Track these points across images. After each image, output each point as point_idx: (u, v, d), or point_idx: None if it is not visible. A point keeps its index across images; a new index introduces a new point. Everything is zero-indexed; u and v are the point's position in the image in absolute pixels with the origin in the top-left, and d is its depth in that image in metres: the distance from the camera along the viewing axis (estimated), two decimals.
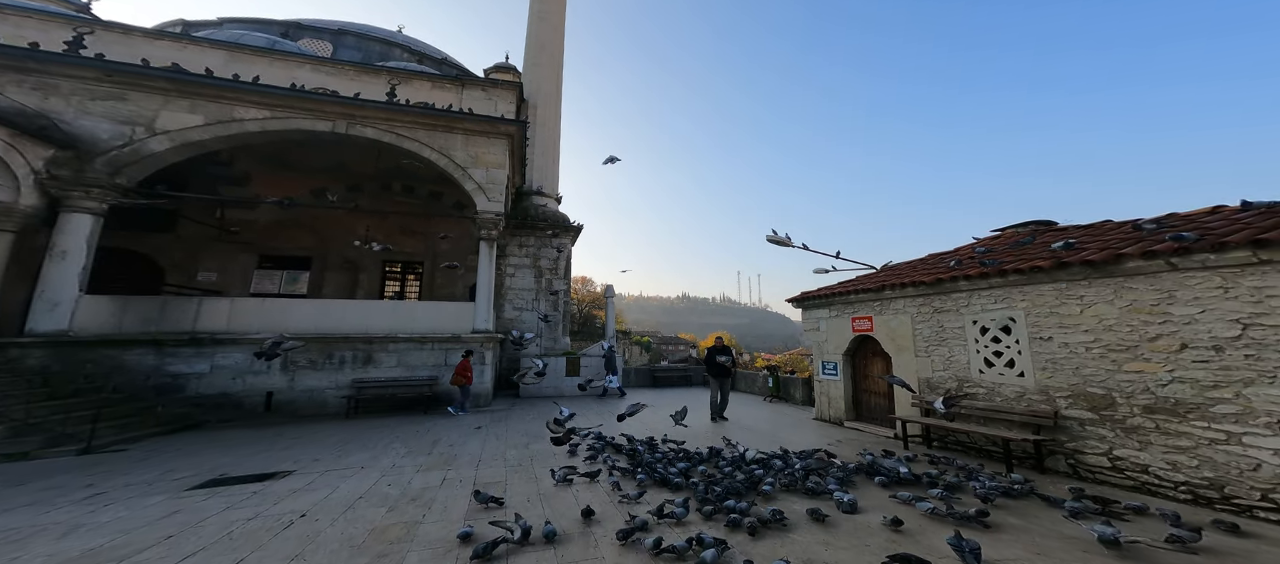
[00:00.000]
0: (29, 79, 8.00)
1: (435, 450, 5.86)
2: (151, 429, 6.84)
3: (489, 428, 7.49)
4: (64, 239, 7.77)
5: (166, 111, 8.70)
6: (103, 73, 8.33)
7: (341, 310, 9.74)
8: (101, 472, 4.91)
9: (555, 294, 14.74)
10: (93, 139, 8.16)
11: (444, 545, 3.06)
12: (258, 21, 17.49)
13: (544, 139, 17.75)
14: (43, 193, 7.72)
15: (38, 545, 3.04)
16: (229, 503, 3.88)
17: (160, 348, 8.01)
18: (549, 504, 3.89)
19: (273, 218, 12.85)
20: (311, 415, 8.37)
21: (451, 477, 4.72)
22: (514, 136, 11.59)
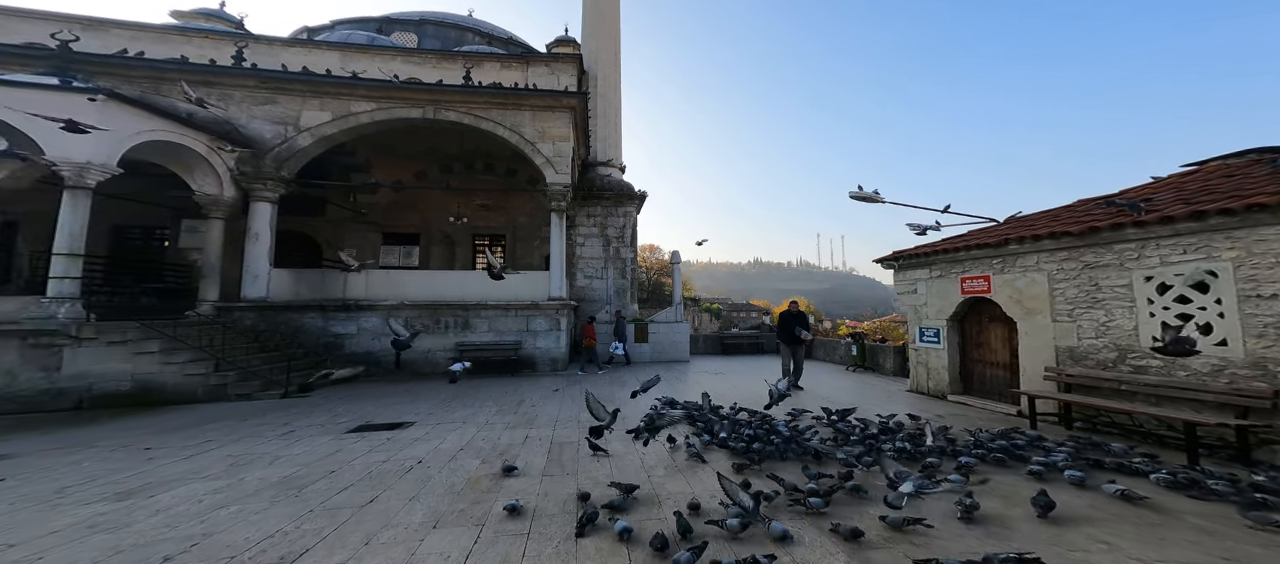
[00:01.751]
0: (213, 91, 9.67)
1: (520, 411, 6.48)
2: (324, 380, 8.62)
3: (564, 391, 8.09)
4: (255, 223, 9.67)
5: (306, 111, 10.07)
6: (259, 81, 9.89)
7: (443, 280, 11.09)
8: (294, 412, 6.32)
9: (623, 262, 14.99)
10: (261, 139, 9.78)
11: (524, 495, 3.40)
12: (359, 20, 19.34)
13: (605, 108, 17.49)
14: (237, 186, 9.60)
15: (255, 469, 4.04)
16: (371, 446, 4.72)
17: (324, 312, 9.81)
18: (620, 463, 4.08)
19: (389, 200, 14.59)
20: (427, 373, 9.79)
21: (532, 435, 5.21)
22: (576, 109, 11.58)
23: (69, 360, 6.81)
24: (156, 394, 7.04)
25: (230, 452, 4.56)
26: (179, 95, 8.79)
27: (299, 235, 14.29)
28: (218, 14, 16.02)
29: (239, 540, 2.66)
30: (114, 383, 6.96)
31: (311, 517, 3.01)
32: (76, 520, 2.97)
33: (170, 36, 13.07)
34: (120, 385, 6.96)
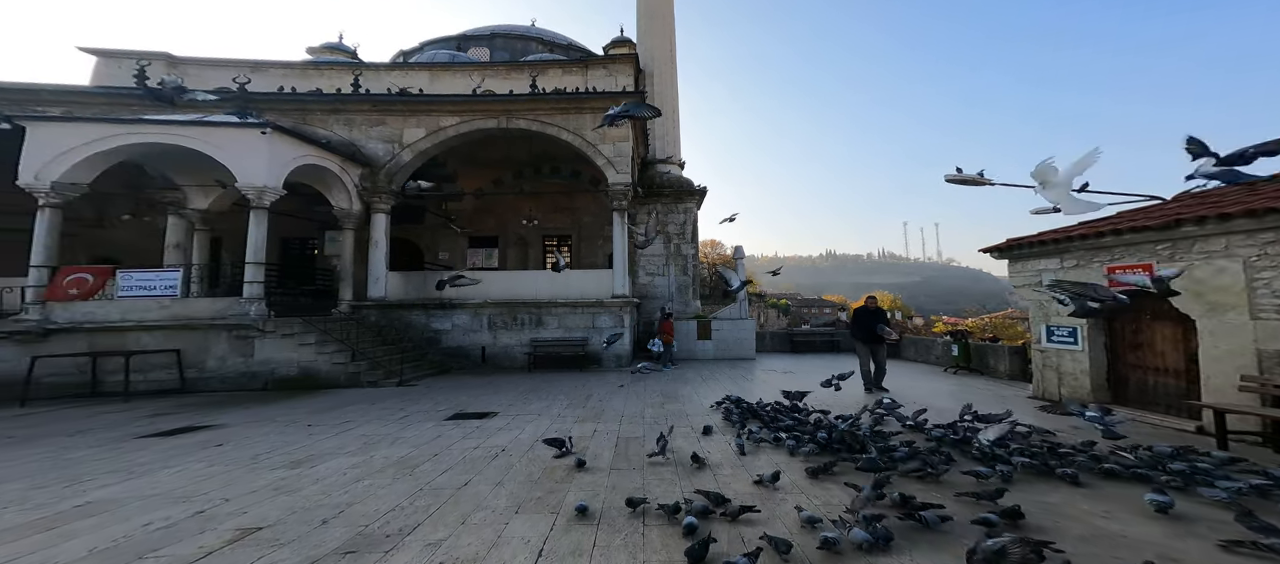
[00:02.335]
0: (340, 117, 11.36)
1: (588, 405, 6.82)
2: (427, 371, 9.77)
3: (630, 387, 8.31)
4: (375, 232, 11.22)
5: (407, 129, 11.38)
6: (371, 104, 11.38)
7: (518, 279, 12.02)
8: (406, 399, 7.26)
9: (684, 258, 14.89)
10: (376, 157, 11.27)
11: (593, 488, 3.58)
12: (441, 40, 21.26)
13: (662, 105, 17.39)
14: (361, 200, 11.20)
15: (381, 449, 4.75)
16: (465, 433, 5.30)
17: (426, 310, 11.13)
18: (685, 462, 4.10)
19: (472, 206, 15.89)
20: (507, 367, 10.71)
21: (601, 429, 5.45)
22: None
23: (258, 349, 8.52)
24: (313, 379, 8.54)
25: (364, 432, 5.40)
26: (318, 124, 10.64)
27: (405, 242, 16.08)
28: (339, 47, 18.74)
29: (371, 511, 3.17)
30: (286, 368, 8.58)
31: (422, 494, 3.47)
32: (267, 482, 3.76)
33: (308, 71, 15.56)
34: (289, 371, 8.56)
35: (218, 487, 3.66)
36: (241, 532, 2.83)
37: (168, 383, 8.13)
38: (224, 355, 8.37)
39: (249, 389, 8.35)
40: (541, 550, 2.61)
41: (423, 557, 2.53)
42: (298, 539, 2.71)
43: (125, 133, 8.50)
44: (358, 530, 2.83)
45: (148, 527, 2.91)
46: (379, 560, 2.48)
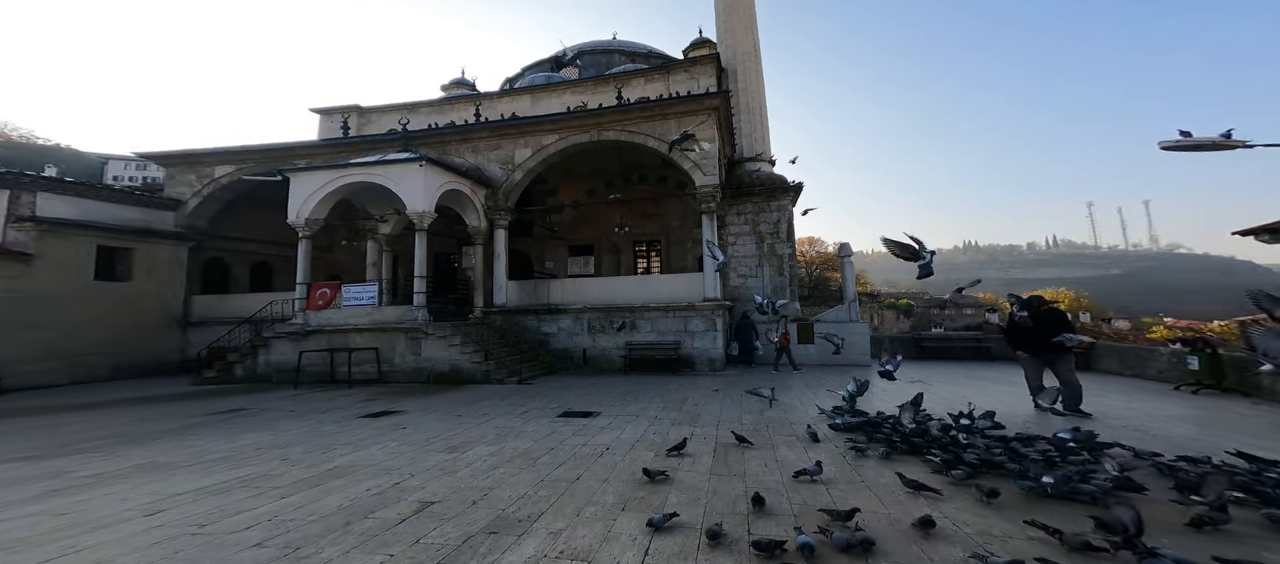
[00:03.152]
0: (468, 145, 13.15)
1: (684, 408, 6.87)
2: (539, 371, 10.80)
3: (725, 391, 8.12)
4: (497, 246, 12.79)
5: (517, 150, 12.75)
6: (490, 131, 12.97)
7: (612, 285, 12.67)
8: (526, 397, 7.98)
9: (779, 258, 13.96)
10: (495, 178, 12.60)
11: (694, 493, 3.60)
12: (537, 64, 23.44)
13: (748, 102, 16.64)
14: (486, 218, 12.80)
15: (510, 440, 5.42)
16: (574, 431, 5.74)
17: (537, 315, 12.32)
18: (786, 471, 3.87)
19: (571, 217, 17.18)
20: (605, 368, 11.30)
21: (697, 434, 5.44)
22: (719, 109, 11.44)
23: (423, 349, 10.32)
24: (458, 375, 9.83)
25: (496, 424, 6.12)
26: (454, 153, 12.71)
27: (517, 253, 17.81)
28: (462, 81, 21.92)
29: (505, 497, 3.63)
30: (440, 365, 10.21)
31: (543, 485, 3.87)
32: (435, 463, 4.54)
33: (443, 107, 18.55)
34: (443, 368, 10.19)
35: (405, 463, 4.54)
36: (422, 504, 3.47)
37: (371, 374, 10.01)
38: (403, 353, 10.38)
39: (417, 381, 9.87)
40: (648, 549, 2.72)
41: (547, 544, 2.83)
42: (457, 516, 3.25)
43: (339, 176, 10.85)
44: (497, 513, 3.29)
45: (368, 491, 3.75)
46: (514, 543, 2.84)
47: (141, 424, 6.50)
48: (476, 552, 2.72)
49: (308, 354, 10.09)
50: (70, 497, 3.72)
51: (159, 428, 6.22)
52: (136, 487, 3.93)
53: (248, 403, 7.89)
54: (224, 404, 7.85)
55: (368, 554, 2.68)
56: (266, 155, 13.61)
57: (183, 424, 6.42)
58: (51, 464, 4.68)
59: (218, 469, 4.38)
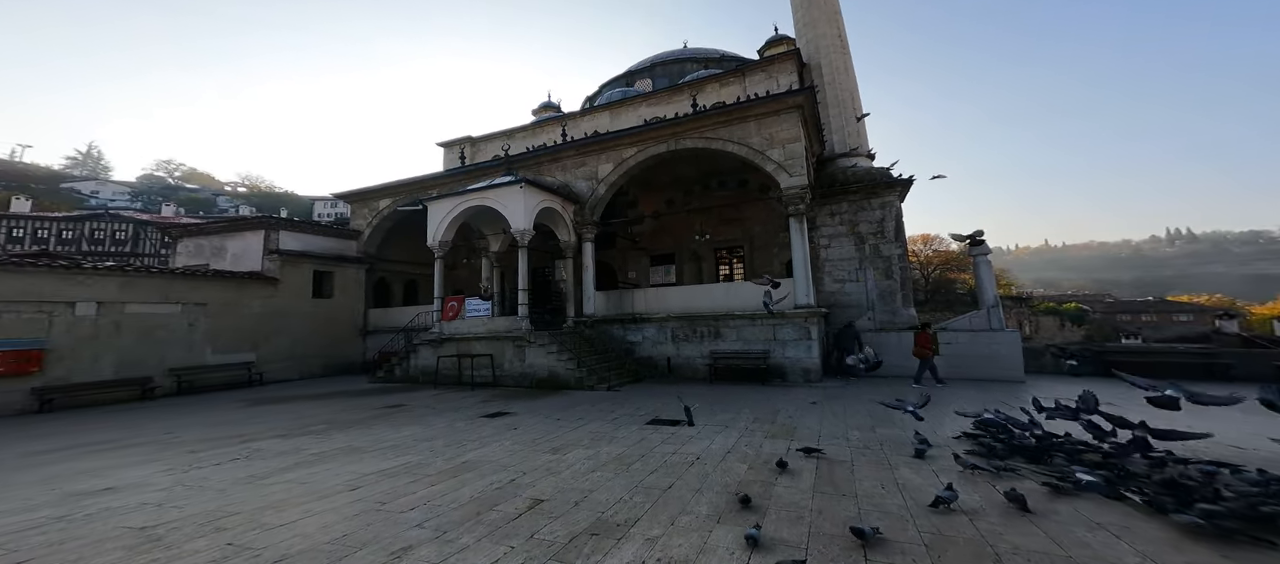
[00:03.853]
0: (558, 164, 13.92)
1: (777, 421, 6.40)
2: (626, 378, 10.96)
3: (825, 405, 7.36)
4: (585, 259, 12.66)
5: (600, 165, 12.74)
6: (576, 149, 13.58)
7: (695, 293, 12.46)
8: (614, 403, 7.93)
9: (885, 259, 12.29)
10: (582, 194, 12.73)
11: (794, 511, 3.29)
12: (613, 80, 24.30)
13: (837, 96, 15.26)
14: (574, 232, 12.83)
15: (603, 445, 5.57)
16: (663, 439, 5.68)
17: (623, 324, 12.50)
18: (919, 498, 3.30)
19: (652, 227, 17.31)
20: (690, 377, 11.05)
21: (794, 448, 4.99)
22: (803, 107, 10.66)
23: (527, 356, 11.22)
24: (556, 381, 10.05)
25: (591, 428, 6.20)
26: (545, 172, 13.70)
27: (602, 264, 18.19)
28: (550, 104, 23.83)
29: (603, 500, 3.73)
30: (540, 371, 10.38)
31: (638, 491, 3.90)
32: (542, 463, 4.86)
33: (535, 130, 20.25)
34: (542, 374, 10.58)
35: (518, 461, 4.83)
36: (533, 501, 3.68)
37: (487, 378, 10.75)
38: (511, 359, 11.41)
39: (523, 386, 10.32)
40: None
41: (645, 550, 2.83)
42: (563, 515, 3.42)
43: (460, 201, 11.91)
44: (597, 515, 3.39)
45: (491, 485, 4.14)
46: (613, 547, 2.90)
47: (342, 414, 7.75)
48: (581, 552, 2.83)
49: (443, 359, 11.69)
50: (305, 469, 4.68)
51: (352, 418, 7.36)
52: (342, 466, 4.78)
53: (404, 400, 8.98)
54: (389, 400, 9.05)
55: (495, 544, 2.96)
56: (411, 188, 16.24)
57: (366, 416, 7.49)
58: (294, 441, 5.93)
59: (390, 455, 5.12)
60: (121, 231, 40.30)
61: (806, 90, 10.71)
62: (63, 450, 5.82)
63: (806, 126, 11.30)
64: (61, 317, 9.40)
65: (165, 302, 11.02)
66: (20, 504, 3.87)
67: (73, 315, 9.54)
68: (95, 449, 5.81)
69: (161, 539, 3.12)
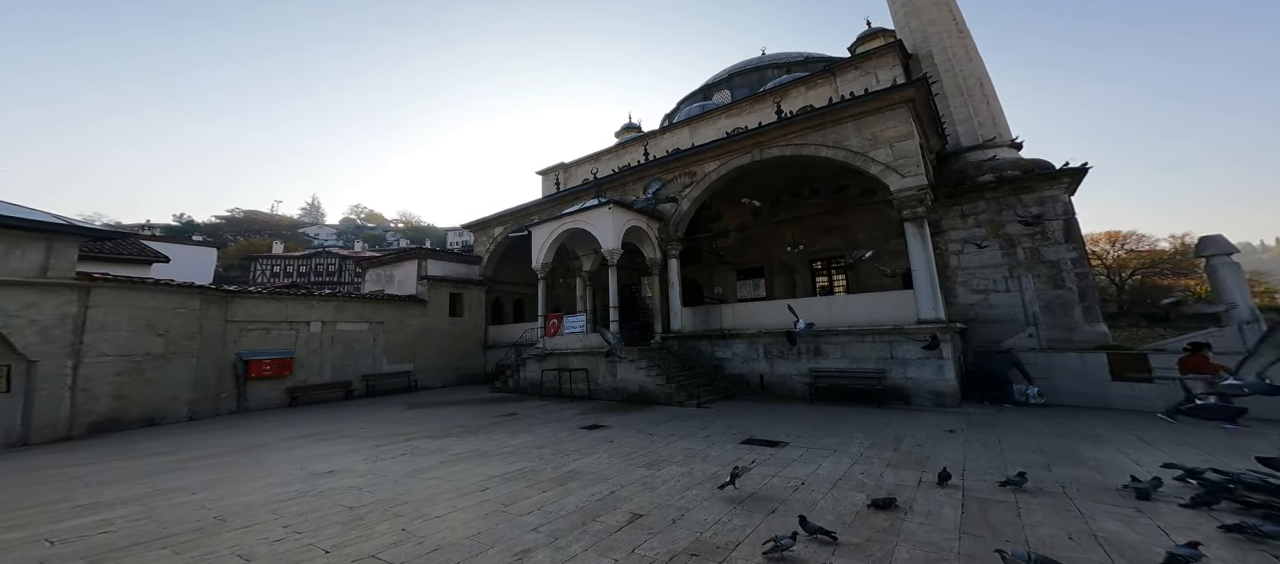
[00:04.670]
0: (640, 183, 14.30)
1: (901, 448, 5.58)
2: (716, 395, 10.65)
3: (967, 434, 6.17)
4: (670, 276, 12.54)
5: (679, 182, 12.91)
6: (659, 168, 13.90)
7: (785, 308, 11.67)
8: (706, 420, 7.73)
9: (1051, 264, 9.95)
10: (665, 212, 12.77)
11: (933, 552, 2.81)
12: (690, 96, 24.33)
13: (959, 82, 13.33)
14: (660, 250, 12.75)
15: (697, 462, 5.50)
16: (758, 459, 5.31)
17: (711, 340, 12.26)
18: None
19: (736, 241, 16.73)
20: (785, 396, 10.26)
21: (927, 480, 4.29)
22: (914, 100, 9.47)
23: (618, 371, 11.66)
24: (645, 396, 10.05)
25: (684, 446, 6.07)
26: (630, 192, 14.28)
27: (687, 280, 17.94)
28: (631, 125, 24.98)
29: (701, 520, 3.66)
30: (630, 386, 10.47)
31: (738, 512, 3.76)
32: (638, 478, 4.96)
33: (618, 152, 21.32)
34: (633, 389, 10.52)
35: (616, 473, 4.94)
36: (633, 515, 3.73)
37: (583, 391, 11.09)
38: (604, 373, 11.92)
39: (615, 400, 10.42)
40: None
41: None
42: (661, 532, 3.44)
43: (558, 225, 12.67)
44: (696, 536, 3.34)
45: (593, 496, 4.24)
46: None
47: (471, 419, 8.63)
48: None
49: (546, 372, 12.74)
50: (449, 468, 5.33)
51: (479, 423, 8.24)
52: (474, 467, 5.34)
53: (517, 409, 9.73)
54: (505, 408, 9.89)
55: (600, 555, 3.10)
56: (517, 215, 18.30)
57: (489, 422, 8.31)
58: (440, 442, 6.75)
59: (508, 460, 5.58)
60: (331, 265, 54.16)
61: (917, 82, 9.49)
62: (304, 438, 7.57)
63: (920, 121, 10.00)
64: (302, 333, 12.86)
65: (360, 321, 14.35)
66: (283, 479, 5.13)
67: (308, 332, 13.03)
68: (322, 438, 7.46)
69: (362, 519, 3.87)
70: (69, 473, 5.76)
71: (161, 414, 9.64)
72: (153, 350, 9.62)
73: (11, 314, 7.92)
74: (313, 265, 53.84)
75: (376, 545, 3.35)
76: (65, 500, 4.59)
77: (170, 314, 9.98)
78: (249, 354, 11.41)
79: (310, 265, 53.83)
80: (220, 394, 10.84)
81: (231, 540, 3.49)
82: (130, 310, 9.37)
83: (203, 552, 3.31)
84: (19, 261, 8.09)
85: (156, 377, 9.64)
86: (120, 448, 7.27)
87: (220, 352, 10.96)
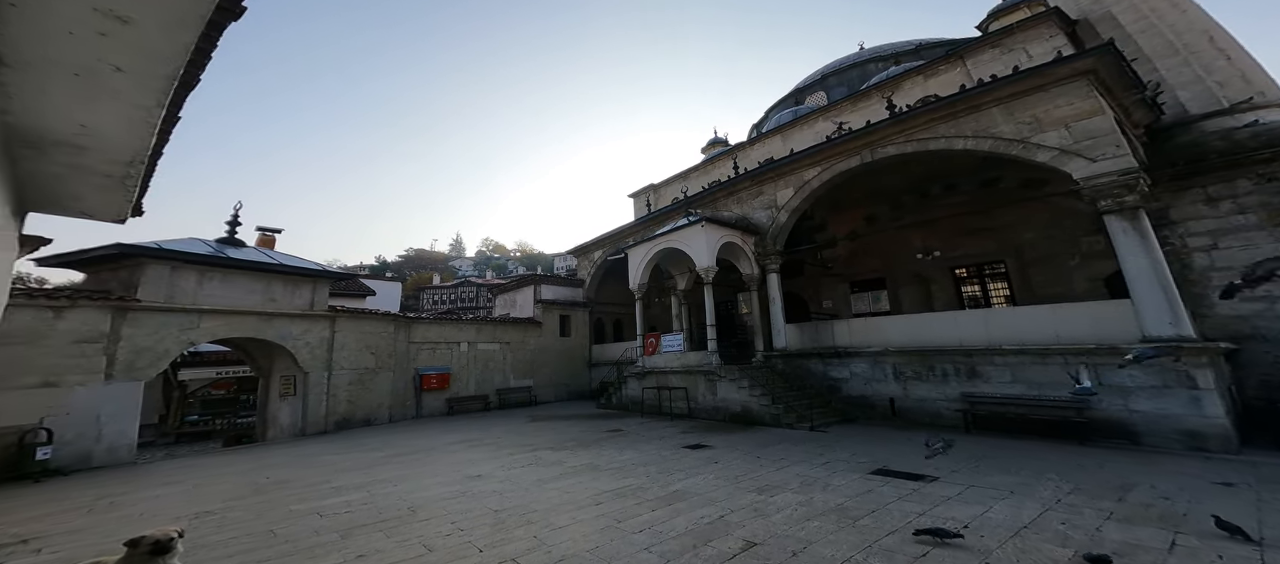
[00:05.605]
0: (732, 197, 13.86)
1: (1129, 498, 4.11)
2: (833, 418, 9.56)
3: (1259, 492, 4.26)
4: (771, 291, 11.78)
5: (778, 192, 11.94)
6: (751, 180, 13.27)
7: (927, 323, 9.79)
8: (823, 445, 7.04)
9: None
10: (761, 225, 12.19)
11: None
12: (780, 102, 22.85)
13: (1168, 40, 10.35)
14: (757, 264, 12.11)
15: (816, 492, 4.90)
16: (900, 494, 4.53)
17: (822, 359, 11.03)
18: None
19: (847, 250, 15.06)
20: (926, 424, 8.58)
21: (1189, 542, 3.00)
22: (1098, 70, 7.38)
23: (718, 390, 11.25)
24: (748, 416, 9.57)
25: (799, 472, 5.60)
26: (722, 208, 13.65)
27: (790, 295, 16.54)
28: (717, 140, 24.22)
29: (828, 556, 3.23)
30: (733, 406, 9.98)
31: (873, 553, 3.21)
32: (748, 503, 4.46)
33: (707, 168, 21.03)
34: (735, 409, 9.99)
35: (723, 497, 4.71)
36: (746, 543, 3.50)
37: (683, 410, 10.91)
38: (703, 392, 11.58)
39: (715, 419, 10.10)
40: None
41: None
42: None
43: (651, 246, 12.74)
44: None
45: (702, 519, 4.05)
46: None
47: (582, 434, 8.93)
48: None
49: (646, 390, 12.86)
50: (568, 480, 5.58)
51: (589, 438, 8.47)
52: (589, 481, 5.50)
53: (621, 425, 9.90)
54: (610, 424, 10.13)
55: None
56: (614, 238, 17.77)
57: (597, 437, 8.50)
58: (558, 454, 7.12)
59: (618, 476, 5.69)
60: (470, 293, 65.11)
61: (1101, 49, 7.32)
62: (459, 443, 8.59)
63: (1111, 94, 7.66)
64: (454, 352, 15.46)
65: (493, 341, 16.69)
66: (448, 479, 5.87)
67: (459, 351, 15.63)
68: (471, 444, 8.40)
69: (504, 523, 4.21)
70: (327, 460, 7.67)
71: (373, 416, 12.36)
72: (368, 365, 12.49)
73: (295, 337, 11.16)
74: (459, 293, 65.16)
75: (515, 549, 3.66)
76: (326, 482, 6.10)
77: (378, 337, 12.88)
78: (423, 369, 14.06)
79: (457, 293, 65.25)
80: (406, 401, 13.51)
81: (419, 530, 4.19)
82: (356, 334, 12.36)
83: (402, 537, 4.05)
84: (298, 298, 11.41)
85: (371, 386, 12.46)
86: (352, 442, 9.47)
87: (406, 367, 13.72)
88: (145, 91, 2.64)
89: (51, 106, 2.74)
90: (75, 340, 8.30)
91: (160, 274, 9.40)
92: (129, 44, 2.30)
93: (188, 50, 2.37)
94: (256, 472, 7.01)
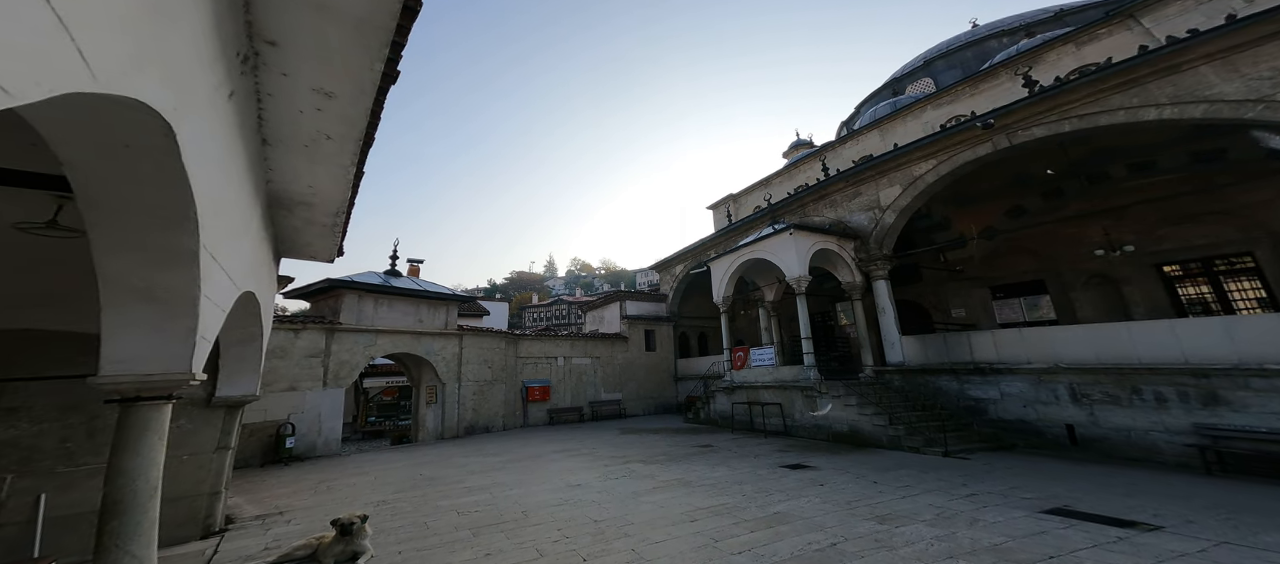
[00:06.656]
0: (824, 201, 12.68)
1: None
2: (975, 444, 7.88)
3: None
4: (880, 299, 10.69)
5: (881, 191, 10.92)
6: (845, 181, 11.95)
7: (1120, 334, 7.53)
8: (966, 474, 6.07)
9: None
10: (862, 228, 11.27)
11: None
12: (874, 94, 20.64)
13: None
14: (859, 271, 11.34)
15: (960, 526, 4.11)
16: (1093, 541, 3.59)
17: (957, 375, 9.24)
18: None
19: (983, 250, 12.55)
20: (1135, 459, 6.61)
21: None
22: None
23: (819, 407, 10.22)
24: (858, 437, 8.80)
25: (930, 502, 4.89)
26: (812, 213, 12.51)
27: (908, 303, 14.45)
28: (800, 141, 22.67)
29: None
30: (838, 425, 9.29)
31: None
32: (867, 531, 4.11)
33: (791, 172, 19.76)
34: (841, 428, 9.50)
35: (835, 523, 4.35)
36: None
37: (778, 426, 10.45)
38: (801, 409, 10.62)
39: (816, 438, 9.50)
40: None
41: None
42: None
43: (735, 258, 12.32)
44: None
45: (810, 544, 3.83)
46: None
47: (671, 448, 9.03)
48: None
49: (736, 405, 12.32)
50: (662, 494, 5.64)
51: (678, 453, 8.44)
52: (683, 497, 5.48)
53: (711, 441, 9.75)
54: (699, 439, 10.01)
55: None
56: (695, 251, 18.10)
57: (687, 452, 8.46)
58: (650, 467, 7.30)
59: (712, 493, 5.56)
60: (563, 310, 70.91)
61: None
62: (560, 452, 9.11)
63: None
64: (553, 365, 16.75)
65: (585, 356, 17.71)
66: (553, 487, 6.23)
67: (557, 365, 16.91)
68: (570, 454, 8.90)
69: (603, 534, 4.32)
70: (460, 461, 8.84)
71: (491, 424, 13.96)
72: (486, 378, 14.21)
73: (436, 352, 13.26)
74: (553, 311, 71.45)
75: (615, 562, 3.70)
76: (460, 482, 6.99)
77: (493, 352, 14.61)
78: (528, 382, 15.51)
79: (552, 311, 71.59)
80: (515, 411, 15.01)
81: (531, 535, 4.49)
82: (477, 350, 14.21)
83: (518, 539, 4.38)
84: (437, 319, 13.57)
85: (489, 396, 14.15)
86: (476, 447, 10.74)
87: (514, 379, 15.27)
88: (345, 152, 3.32)
89: (293, 173, 3.59)
90: (306, 355, 11.00)
91: (352, 302, 12.01)
92: (334, 115, 2.90)
93: (367, 114, 2.92)
94: (414, 468, 8.35)
